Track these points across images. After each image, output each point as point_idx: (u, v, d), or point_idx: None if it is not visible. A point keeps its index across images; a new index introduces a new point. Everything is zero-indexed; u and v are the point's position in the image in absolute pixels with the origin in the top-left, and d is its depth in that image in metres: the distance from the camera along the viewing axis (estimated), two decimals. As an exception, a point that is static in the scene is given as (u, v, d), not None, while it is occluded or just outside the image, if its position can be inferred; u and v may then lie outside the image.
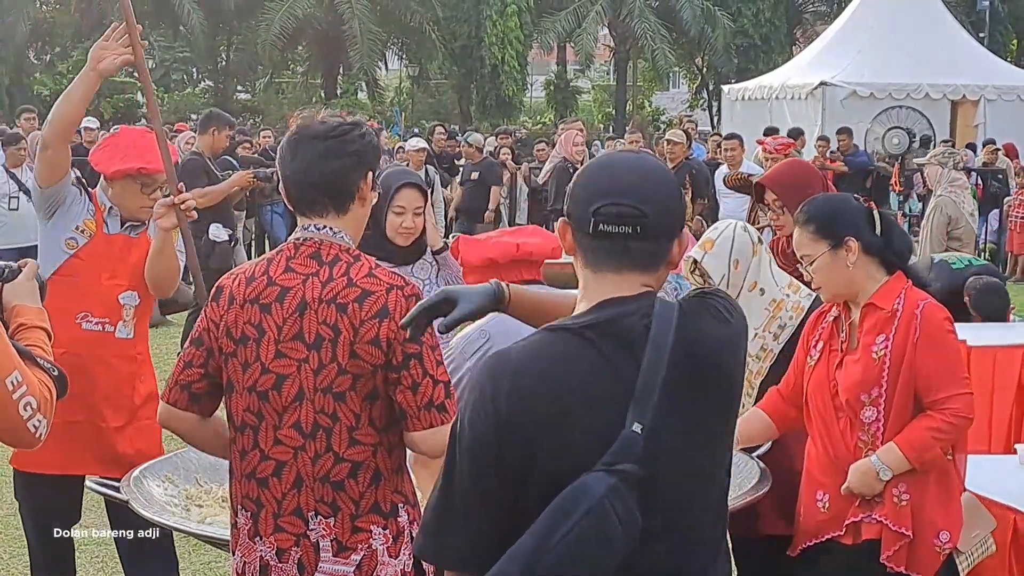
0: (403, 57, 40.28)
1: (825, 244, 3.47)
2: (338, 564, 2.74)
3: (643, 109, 41.19)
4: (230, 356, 2.80)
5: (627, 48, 37.96)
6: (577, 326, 2.00)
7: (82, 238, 4.37)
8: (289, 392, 2.73)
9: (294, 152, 2.81)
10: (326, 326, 2.71)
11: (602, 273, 2.03)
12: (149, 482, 3.71)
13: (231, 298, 2.81)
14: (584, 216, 2.02)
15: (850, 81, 20.20)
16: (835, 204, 3.61)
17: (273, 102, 38.10)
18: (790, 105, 21.10)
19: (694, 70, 40.85)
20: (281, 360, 2.74)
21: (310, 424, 2.73)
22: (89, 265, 4.36)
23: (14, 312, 2.73)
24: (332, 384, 2.71)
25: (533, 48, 38.00)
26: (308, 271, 2.76)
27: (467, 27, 35.97)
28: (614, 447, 1.90)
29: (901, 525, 3.36)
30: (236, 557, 2.84)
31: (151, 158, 4.35)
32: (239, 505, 2.82)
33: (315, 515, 2.74)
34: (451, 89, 39.73)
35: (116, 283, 4.35)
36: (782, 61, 29.51)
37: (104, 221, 4.40)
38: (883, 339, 3.41)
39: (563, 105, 38.79)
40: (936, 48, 20.75)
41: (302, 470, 2.74)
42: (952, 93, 20.40)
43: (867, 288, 3.47)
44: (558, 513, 1.87)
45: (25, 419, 2.55)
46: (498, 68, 35.46)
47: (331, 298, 2.72)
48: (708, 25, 34.97)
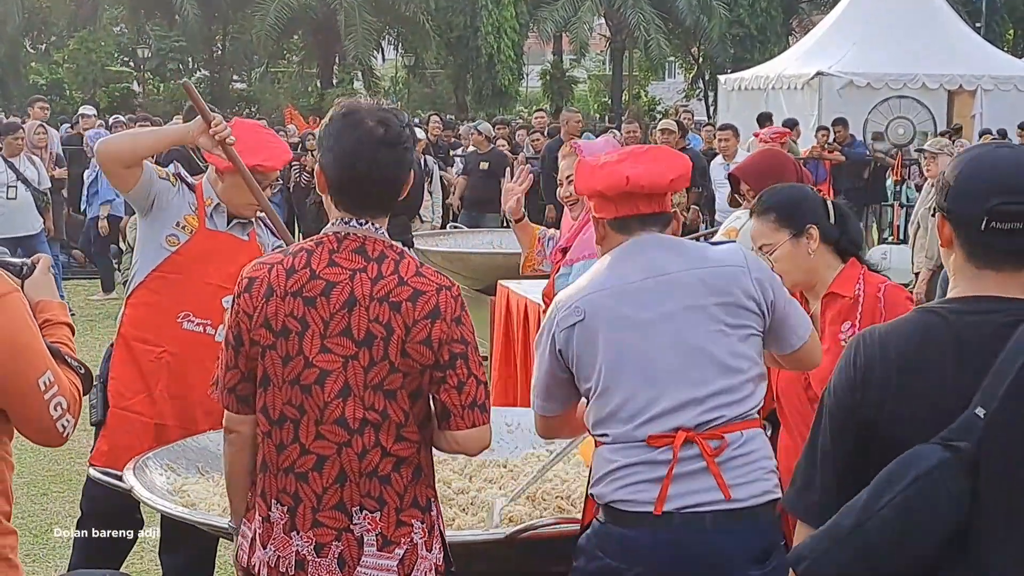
0: (399, 47, 40.27)
1: (786, 233, 3.49)
2: (382, 558, 2.74)
3: (639, 99, 41.18)
4: (268, 348, 2.76)
5: (623, 38, 37.95)
6: (947, 311, 2.10)
7: (183, 234, 4.25)
8: (333, 388, 2.72)
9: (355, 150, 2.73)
10: (378, 324, 2.70)
11: (984, 270, 2.09)
12: (153, 472, 3.73)
13: (270, 290, 2.77)
14: (972, 212, 2.06)
15: (847, 71, 20.20)
16: (795, 193, 3.64)
17: (269, 91, 38.12)
18: (787, 95, 21.11)
19: (690, 60, 40.87)
20: (326, 355, 2.72)
21: (358, 420, 2.72)
22: (191, 263, 4.23)
23: (38, 308, 2.72)
24: (383, 381, 2.71)
25: (529, 37, 37.99)
26: (355, 266, 2.74)
27: (463, 17, 35.95)
28: (954, 425, 2.00)
29: None
30: (268, 550, 2.81)
31: (267, 155, 4.26)
32: (274, 499, 2.80)
33: (360, 509, 2.74)
34: (447, 79, 39.72)
35: (220, 285, 4.14)
36: (778, 51, 29.50)
37: (208, 216, 4.27)
38: (848, 326, 3.42)
39: (559, 95, 38.78)
40: (933, 38, 20.76)
41: (347, 465, 2.73)
42: (949, 83, 20.42)
43: (825, 277, 3.50)
44: (889, 476, 2.00)
45: (55, 419, 2.55)
46: (494, 58, 35.45)
47: (383, 296, 2.71)
48: (704, 15, 34.97)
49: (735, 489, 2.91)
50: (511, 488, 3.74)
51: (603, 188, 3.07)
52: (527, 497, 3.65)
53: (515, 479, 3.81)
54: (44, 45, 40.65)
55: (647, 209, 3.08)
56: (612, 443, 2.98)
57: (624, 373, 2.96)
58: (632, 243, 3.07)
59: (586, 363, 3.00)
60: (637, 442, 2.94)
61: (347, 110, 2.78)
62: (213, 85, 38.26)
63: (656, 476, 2.91)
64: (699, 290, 2.99)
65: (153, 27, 38.65)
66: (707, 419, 2.93)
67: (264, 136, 4.40)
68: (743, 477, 2.94)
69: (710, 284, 2.99)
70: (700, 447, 2.91)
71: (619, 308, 2.99)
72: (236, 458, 2.91)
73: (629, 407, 2.95)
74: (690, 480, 2.90)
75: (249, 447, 2.88)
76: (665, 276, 3.01)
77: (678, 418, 2.93)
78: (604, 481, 2.97)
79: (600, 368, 2.98)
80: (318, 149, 2.82)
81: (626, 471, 2.93)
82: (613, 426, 2.97)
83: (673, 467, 2.90)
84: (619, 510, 2.93)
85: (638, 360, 2.96)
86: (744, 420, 2.98)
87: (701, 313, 2.98)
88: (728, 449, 2.93)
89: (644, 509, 2.90)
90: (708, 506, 2.89)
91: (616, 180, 3.04)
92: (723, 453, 2.92)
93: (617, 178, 3.04)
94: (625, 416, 2.95)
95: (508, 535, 3.15)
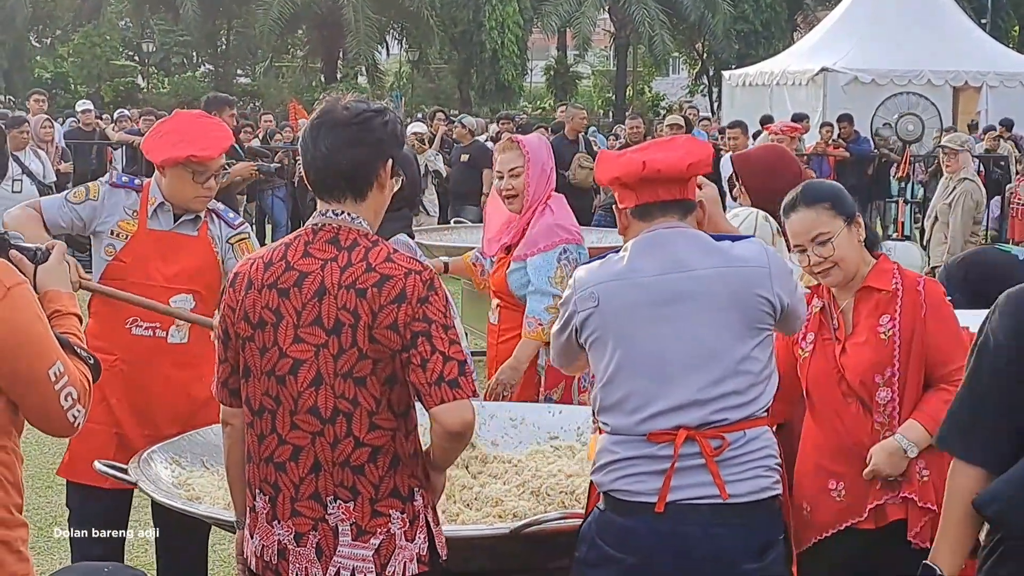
0: (403, 42, 40.24)
1: (842, 220, 3.47)
2: (357, 548, 2.75)
3: (643, 95, 41.15)
4: (247, 341, 2.81)
5: (627, 33, 37.90)
6: None
7: (119, 241, 4.18)
8: (306, 377, 2.75)
9: (316, 136, 2.81)
10: (346, 311, 2.72)
11: None
12: (157, 465, 3.73)
13: (249, 283, 2.83)
14: None
15: (851, 67, 20.16)
16: (836, 186, 3.67)
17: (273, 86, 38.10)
18: (791, 91, 21.07)
19: (694, 56, 40.81)
20: (299, 345, 2.75)
21: (329, 409, 2.74)
22: (131, 267, 4.16)
23: (47, 298, 2.72)
24: (353, 369, 2.72)
25: (533, 33, 37.95)
26: (326, 256, 2.77)
27: (467, 12, 35.91)
28: None
29: (927, 500, 3.36)
30: (255, 540, 2.86)
31: (203, 144, 4.16)
32: (257, 489, 2.84)
33: (334, 499, 2.75)
34: (451, 74, 39.69)
35: (164, 286, 4.14)
36: (783, 47, 29.45)
37: (151, 216, 4.20)
38: (888, 319, 3.41)
39: (563, 90, 38.75)
40: (938, 34, 20.71)
41: (320, 455, 2.75)
42: (954, 79, 20.37)
43: (863, 270, 3.50)
44: None
45: (65, 409, 2.57)
46: (498, 53, 35.42)
47: (350, 283, 2.73)
48: (708, 11, 34.92)
49: (732, 486, 2.93)
50: (515, 483, 3.74)
51: (621, 174, 3.09)
52: (532, 492, 3.65)
53: (519, 474, 3.81)
54: (49, 39, 40.65)
55: (667, 196, 3.08)
56: (613, 434, 3.00)
57: (633, 366, 2.97)
58: (654, 235, 3.08)
59: (597, 349, 3.03)
60: (638, 436, 2.95)
61: (321, 106, 2.86)
62: (217, 79, 38.25)
63: (656, 469, 2.93)
64: (717, 289, 3.00)
65: (157, 21, 38.66)
66: (711, 420, 2.94)
67: (201, 125, 4.31)
68: (742, 474, 2.95)
69: (730, 284, 3.00)
70: (701, 446, 2.92)
71: (634, 300, 3.00)
72: (231, 450, 2.96)
73: (634, 400, 2.96)
74: (689, 474, 2.92)
75: (242, 439, 2.91)
76: (684, 273, 3.01)
77: (682, 416, 2.94)
78: (604, 470, 3.00)
79: (609, 357, 3.00)
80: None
81: (626, 463, 2.96)
82: (616, 417, 2.99)
83: (674, 465, 2.91)
84: (619, 499, 2.96)
85: (649, 354, 2.97)
86: (748, 420, 2.99)
87: (717, 313, 2.98)
88: (728, 449, 2.95)
89: (643, 499, 2.92)
90: (706, 499, 2.91)
91: (633, 166, 3.06)
92: (723, 453, 2.94)
93: (634, 164, 3.07)
94: (629, 409, 2.97)
95: (513, 530, 3.15)
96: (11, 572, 2.57)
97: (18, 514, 2.62)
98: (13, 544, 2.58)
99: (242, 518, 2.97)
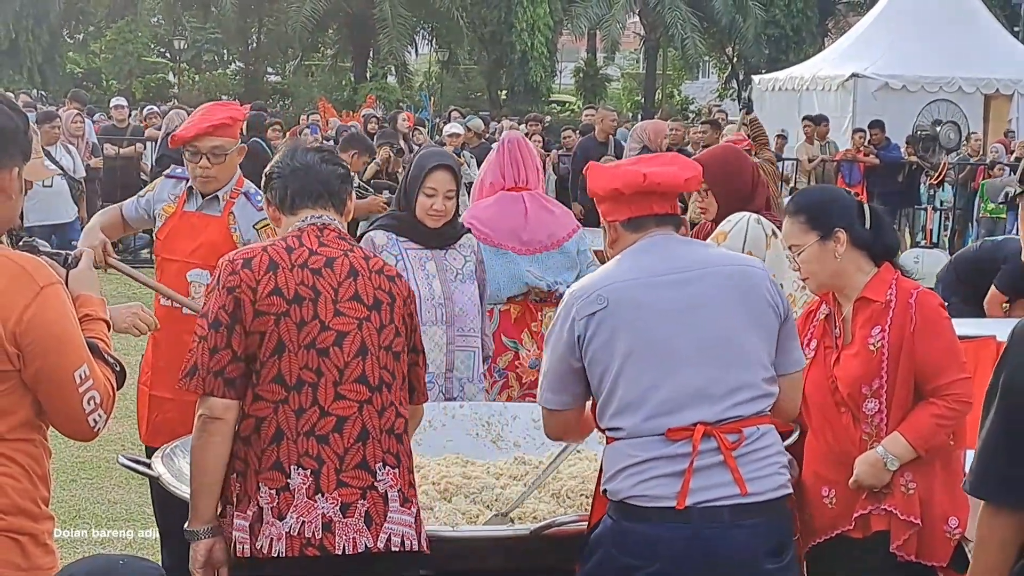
0: (433, 42, 40.27)
1: (814, 235, 3.49)
2: (403, 514, 2.89)
3: (672, 98, 41.06)
4: (282, 316, 2.87)
5: (657, 36, 37.83)
6: None
7: (159, 222, 4.61)
8: (351, 348, 2.89)
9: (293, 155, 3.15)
10: (382, 291, 2.97)
11: None
12: (180, 460, 3.74)
13: (272, 264, 2.92)
14: None
15: (882, 73, 20.04)
16: (826, 196, 3.68)
17: (303, 85, 38.18)
18: (820, 96, 20.97)
19: (724, 60, 40.68)
20: (341, 318, 2.90)
21: (376, 378, 2.90)
22: (165, 245, 4.57)
23: (79, 302, 2.74)
24: (392, 343, 2.96)
25: (563, 35, 37.91)
26: (343, 248, 3.01)
27: (497, 12, 35.91)
28: None
29: (910, 514, 3.37)
30: (288, 520, 2.82)
31: (188, 126, 4.49)
32: (295, 464, 2.83)
33: (383, 466, 2.87)
34: (480, 75, 39.71)
35: (184, 261, 4.48)
36: (813, 52, 29.33)
37: (187, 199, 4.56)
38: (879, 331, 3.42)
39: (592, 93, 38.71)
40: (969, 41, 20.55)
41: (368, 423, 2.87)
42: (985, 87, 20.22)
43: (855, 281, 3.49)
44: None
45: (87, 412, 2.59)
46: (527, 54, 35.41)
47: (379, 269, 3.01)
48: (739, 15, 34.81)
49: (751, 483, 2.95)
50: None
51: (620, 185, 3.11)
52: (552, 494, 3.65)
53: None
54: (82, 35, 40.90)
55: (661, 209, 3.14)
56: (628, 437, 2.99)
57: (645, 363, 2.98)
58: (654, 239, 3.12)
59: (604, 352, 3.00)
60: (655, 435, 2.95)
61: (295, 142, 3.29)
62: (247, 77, 38.42)
63: (675, 470, 2.93)
64: (725, 285, 3.05)
65: (189, 19, 38.87)
66: (728, 414, 2.96)
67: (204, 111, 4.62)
68: (759, 471, 2.97)
69: (737, 281, 3.06)
70: (718, 441, 2.94)
71: (644, 299, 3.02)
72: (219, 449, 2.88)
73: (649, 397, 2.97)
74: (707, 474, 2.93)
75: (231, 436, 2.88)
76: (692, 271, 3.05)
77: (698, 412, 2.95)
78: (620, 476, 2.97)
79: (619, 357, 2.99)
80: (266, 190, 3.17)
81: (645, 466, 2.94)
82: (629, 417, 2.98)
83: (693, 461, 2.91)
84: (635, 506, 2.94)
85: (661, 351, 2.98)
86: (760, 416, 3.02)
87: (726, 308, 3.03)
88: (745, 443, 2.96)
89: (663, 504, 2.91)
90: (725, 500, 2.92)
91: (634, 178, 3.11)
92: (740, 447, 2.95)
93: (635, 176, 3.11)
94: (644, 407, 2.96)
95: (532, 531, 3.15)
96: (37, 564, 2.59)
97: (45, 507, 2.64)
98: (40, 537, 2.61)
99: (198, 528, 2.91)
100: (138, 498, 5.73)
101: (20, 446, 2.58)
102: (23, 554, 2.55)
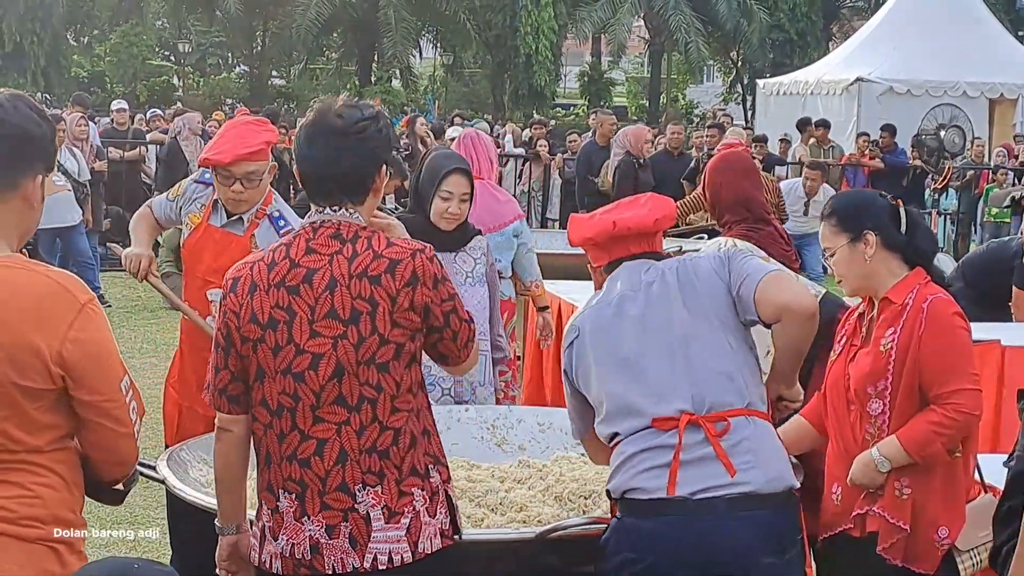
0: (437, 45, 40.29)
1: (845, 237, 3.52)
2: (390, 530, 2.80)
3: (676, 102, 41.04)
4: (258, 342, 2.83)
5: (662, 40, 37.81)
6: None
7: (187, 231, 4.56)
8: (326, 370, 2.79)
9: (311, 142, 2.87)
10: (361, 300, 2.78)
11: None
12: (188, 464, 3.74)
13: (253, 285, 2.85)
14: None
15: (887, 77, 20.04)
16: (859, 199, 3.73)
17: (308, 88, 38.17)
18: (825, 101, 20.97)
19: (728, 64, 40.67)
20: (316, 339, 2.79)
21: (356, 397, 2.79)
22: (189, 257, 4.55)
23: None
24: (375, 355, 2.78)
25: (568, 38, 37.90)
26: (331, 250, 2.83)
27: (502, 16, 35.89)
28: None
29: (899, 518, 3.38)
30: (279, 541, 2.86)
31: (219, 149, 4.36)
32: (281, 488, 2.85)
33: (362, 487, 2.79)
34: (484, 79, 39.71)
35: (205, 279, 4.41)
36: (818, 56, 29.30)
37: (213, 212, 4.50)
38: (891, 332, 3.43)
39: (596, 96, 38.71)
40: (974, 45, 20.54)
41: (346, 444, 2.79)
42: (990, 91, 20.21)
43: (887, 283, 3.50)
44: None
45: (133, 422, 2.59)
46: (532, 58, 35.40)
47: (361, 272, 2.80)
48: (744, 19, 34.77)
49: (744, 472, 2.99)
50: (540, 488, 3.74)
51: (592, 235, 3.28)
52: (556, 497, 3.65)
53: (543, 479, 3.82)
54: (86, 38, 40.93)
55: (637, 250, 3.27)
56: (623, 438, 3.10)
57: (620, 375, 3.11)
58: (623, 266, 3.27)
59: (584, 377, 3.17)
60: (643, 429, 3.05)
61: (315, 110, 2.90)
62: (252, 81, 38.44)
63: (665, 461, 3.01)
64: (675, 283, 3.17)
65: (194, 22, 38.88)
66: (711, 403, 3.04)
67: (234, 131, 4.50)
68: (752, 462, 3.00)
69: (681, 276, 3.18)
70: (705, 430, 3.01)
71: (609, 315, 3.18)
72: (231, 455, 2.95)
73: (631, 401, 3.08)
74: (699, 465, 3.00)
75: (242, 444, 2.94)
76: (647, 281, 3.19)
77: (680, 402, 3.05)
78: (619, 472, 3.08)
79: (595, 380, 3.13)
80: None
81: (637, 459, 3.04)
82: (619, 423, 3.10)
83: (679, 449, 2.98)
84: (633, 499, 3.02)
85: (633, 363, 3.11)
86: (750, 409, 3.08)
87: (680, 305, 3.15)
88: (734, 433, 3.02)
89: (657, 496, 2.99)
90: (720, 490, 2.97)
91: (604, 226, 3.27)
92: (729, 435, 3.01)
93: (605, 224, 3.27)
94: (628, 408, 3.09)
95: (538, 534, 3.16)
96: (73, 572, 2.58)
97: (79, 515, 2.63)
98: (75, 545, 2.59)
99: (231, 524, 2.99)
100: (140, 499, 5.74)
101: (58, 455, 2.57)
102: (60, 562, 2.54)
